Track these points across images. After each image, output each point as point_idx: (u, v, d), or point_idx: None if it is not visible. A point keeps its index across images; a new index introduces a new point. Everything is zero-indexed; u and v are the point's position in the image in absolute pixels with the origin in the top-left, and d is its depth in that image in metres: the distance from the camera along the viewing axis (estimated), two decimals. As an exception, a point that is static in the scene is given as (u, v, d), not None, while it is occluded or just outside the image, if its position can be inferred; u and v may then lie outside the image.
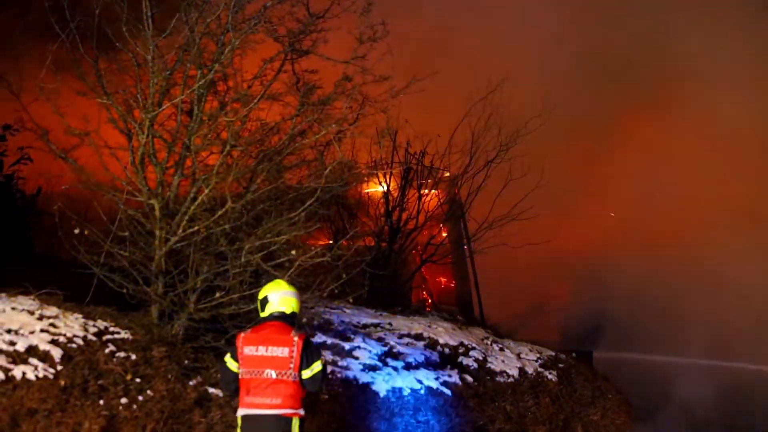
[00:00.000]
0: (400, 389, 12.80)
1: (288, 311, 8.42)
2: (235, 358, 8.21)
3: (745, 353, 26.93)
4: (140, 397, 9.57)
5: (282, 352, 8.06)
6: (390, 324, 16.25)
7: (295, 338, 8.11)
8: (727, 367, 26.89)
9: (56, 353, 9.40)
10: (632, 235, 30.13)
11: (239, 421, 8.15)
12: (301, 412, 8.12)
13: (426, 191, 22.24)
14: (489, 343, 17.45)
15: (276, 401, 8.00)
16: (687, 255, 27.86)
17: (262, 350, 8.09)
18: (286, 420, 8.00)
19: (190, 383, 10.31)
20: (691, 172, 29.16)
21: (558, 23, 29.68)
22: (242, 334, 8.28)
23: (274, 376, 8.04)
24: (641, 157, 30.28)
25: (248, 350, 8.13)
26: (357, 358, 13.23)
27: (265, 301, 8.50)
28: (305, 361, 8.10)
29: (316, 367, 8.13)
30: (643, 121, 31.12)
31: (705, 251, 26.88)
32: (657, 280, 27.94)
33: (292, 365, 8.04)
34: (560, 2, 30.05)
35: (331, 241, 13.25)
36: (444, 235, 24.33)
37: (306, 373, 8.10)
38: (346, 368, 12.55)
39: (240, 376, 8.17)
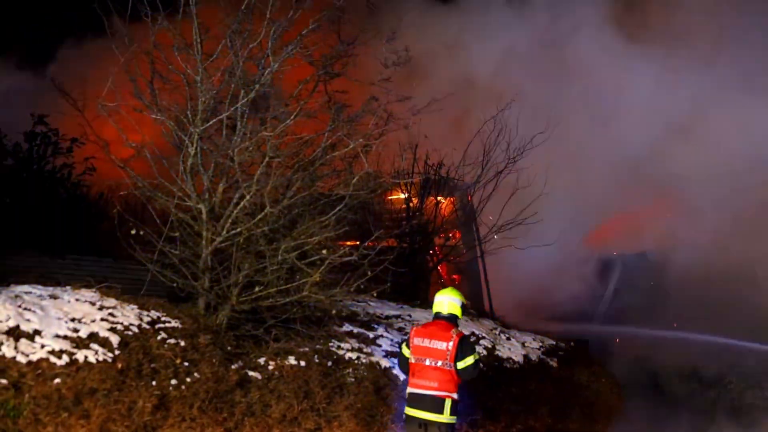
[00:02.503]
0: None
1: (446, 312, 9.14)
2: (408, 346, 9.04)
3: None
4: (188, 379, 9.56)
5: (441, 345, 8.76)
6: (410, 315, 16.17)
7: (454, 335, 8.80)
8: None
9: (114, 339, 9.41)
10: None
11: (407, 397, 8.93)
12: (455, 395, 8.75)
13: (442, 198, 22.19)
14: (497, 332, 17.35)
15: (433, 384, 8.70)
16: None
17: (426, 342, 8.85)
18: (441, 400, 8.67)
19: (232, 367, 10.29)
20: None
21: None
22: (414, 328, 9.16)
23: (433, 363, 8.76)
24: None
25: (417, 341, 8.91)
26: (380, 346, 13.15)
27: (432, 301, 9.37)
28: (460, 355, 8.71)
29: (469, 360, 8.73)
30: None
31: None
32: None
33: (448, 357, 8.70)
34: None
35: (358, 242, 13.13)
36: (458, 237, 24.22)
37: (460, 365, 8.70)
38: (371, 354, 12.46)
39: (409, 361, 8.95)
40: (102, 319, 9.69)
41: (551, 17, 28.45)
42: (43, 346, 8.74)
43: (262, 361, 10.80)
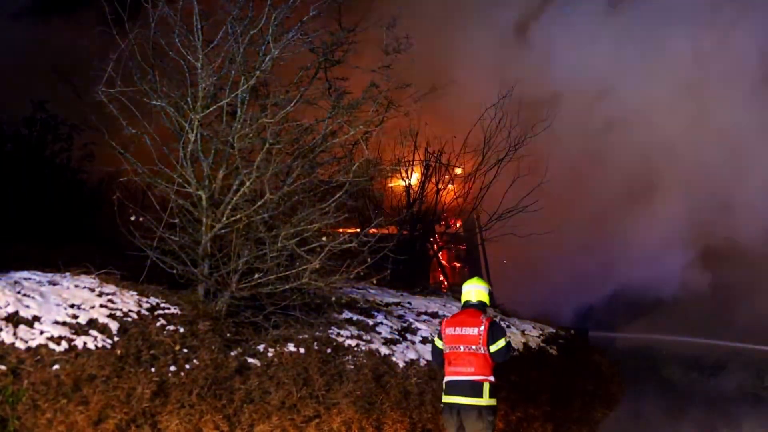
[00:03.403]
0: (417, 360, 12.71)
1: (475, 300, 9.48)
2: (440, 337, 9.35)
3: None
4: (187, 366, 9.57)
5: (472, 331, 9.08)
6: (409, 303, 16.16)
7: (483, 320, 9.14)
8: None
9: (113, 326, 9.41)
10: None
11: (444, 386, 9.19)
12: (491, 378, 9.02)
13: (443, 186, 22.18)
14: (497, 320, 17.32)
15: (470, 369, 8.99)
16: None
17: (458, 330, 9.17)
18: (479, 384, 8.93)
19: (232, 354, 10.29)
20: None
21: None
22: (445, 319, 9.51)
23: (466, 349, 9.07)
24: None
25: (449, 330, 9.23)
26: (379, 333, 13.15)
27: (461, 291, 9.71)
28: (491, 338, 9.02)
29: (501, 343, 9.05)
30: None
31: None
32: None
33: (480, 341, 9.00)
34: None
35: (358, 229, 13.14)
36: (458, 225, 24.25)
37: (492, 348, 9.01)
38: (370, 342, 12.45)
39: (444, 351, 9.27)
40: (101, 306, 9.70)
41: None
42: (42, 333, 8.75)
43: (261, 348, 10.80)
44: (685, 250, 30.02)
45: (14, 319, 8.70)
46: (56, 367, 8.44)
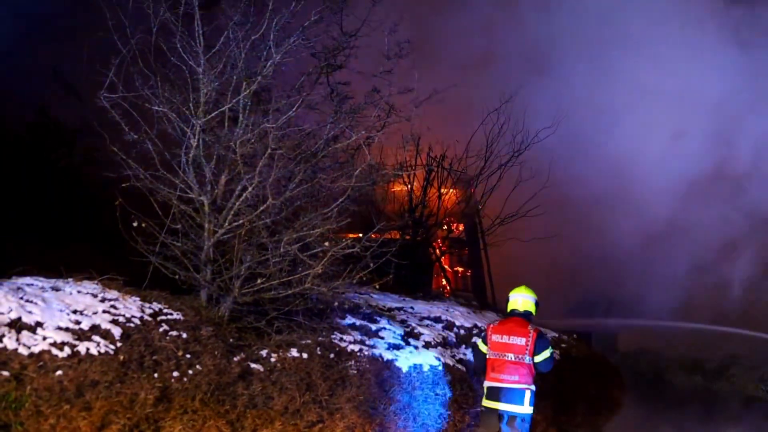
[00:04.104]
0: (420, 365, 12.70)
1: (521, 309, 9.80)
2: (485, 342, 9.71)
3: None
4: (190, 371, 9.54)
5: (520, 341, 9.45)
6: (412, 308, 16.17)
7: (531, 331, 9.51)
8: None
9: (116, 331, 9.38)
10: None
11: (485, 391, 9.59)
12: (533, 387, 9.45)
13: (445, 190, 22.17)
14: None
15: (514, 378, 9.38)
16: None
17: (505, 338, 9.51)
18: (521, 392, 9.36)
19: (235, 359, 10.27)
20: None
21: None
22: (491, 325, 9.85)
23: (512, 358, 9.44)
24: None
25: (495, 337, 9.58)
26: (382, 338, 13.15)
27: (508, 299, 10.04)
28: (537, 349, 9.42)
29: (546, 354, 9.46)
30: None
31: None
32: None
33: (527, 351, 9.40)
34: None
35: (360, 234, 13.13)
36: (461, 229, 24.24)
37: (537, 358, 9.43)
38: (373, 347, 12.46)
39: (487, 357, 9.61)
40: (104, 311, 9.67)
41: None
42: (44, 338, 8.71)
43: (264, 353, 10.79)
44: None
45: (17, 325, 8.66)
46: (59, 372, 8.41)
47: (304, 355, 11.08)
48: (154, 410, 8.87)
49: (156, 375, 9.18)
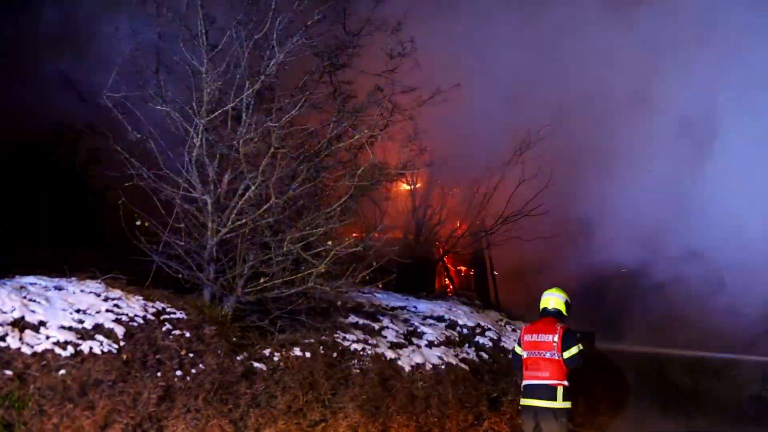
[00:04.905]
0: (423, 364, 12.70)
1: (551, 308, 10.10)
2: (520, 344, 10.03)
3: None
4: (193, 370, 9.54)
5: (548, 338, 9.73)
6: (415, 307, 16.15)
7: (558, 328, 9.77)
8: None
9: (119, 331, 9.38)
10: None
11: (522, 389, 9.90)
12: (565, 383, 9.68)
13: (448, 189, 22.13)
14: (503, 324, 17.33)
15: (545, 374, 9.67)
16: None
17: (535, 337, 9.84)
18: (553, 388, 9.62)
19: (238, 358, 10.27)
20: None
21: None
22: (524, 327, 10.24)
23: (544, 355, 9.71)
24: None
25: (527, 337, 9.92)
26: (385, 337, 13.15)
27: (540, 298, 10.30)
28: (565, 345, 9.65)
29: (573, 350, 9.65)
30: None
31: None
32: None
33: (555, 347, 9.65)
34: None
35: (363, 233, 13.15)
36: (464, 228, 24.17)
37: (566, 354, 9.63)
38: (376, 346, 12.45)
39: (522, 357, 9.93)
40: (107, 311, 9.67)
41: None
42: (48, 338, 8.72)
43: (267, 352, 10.78)
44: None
45: (20, 324, 8.67)
46: (62, 372, 8.42)
47: (307, 354, 11.07)
48: (157, 409, 8.90)
49: (159, 374, 9.19)
